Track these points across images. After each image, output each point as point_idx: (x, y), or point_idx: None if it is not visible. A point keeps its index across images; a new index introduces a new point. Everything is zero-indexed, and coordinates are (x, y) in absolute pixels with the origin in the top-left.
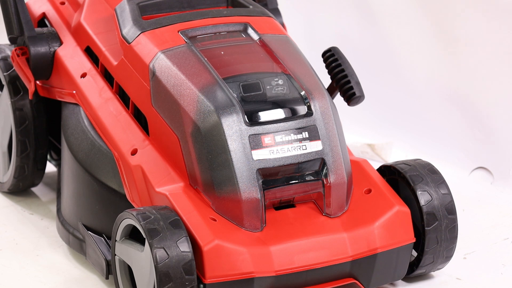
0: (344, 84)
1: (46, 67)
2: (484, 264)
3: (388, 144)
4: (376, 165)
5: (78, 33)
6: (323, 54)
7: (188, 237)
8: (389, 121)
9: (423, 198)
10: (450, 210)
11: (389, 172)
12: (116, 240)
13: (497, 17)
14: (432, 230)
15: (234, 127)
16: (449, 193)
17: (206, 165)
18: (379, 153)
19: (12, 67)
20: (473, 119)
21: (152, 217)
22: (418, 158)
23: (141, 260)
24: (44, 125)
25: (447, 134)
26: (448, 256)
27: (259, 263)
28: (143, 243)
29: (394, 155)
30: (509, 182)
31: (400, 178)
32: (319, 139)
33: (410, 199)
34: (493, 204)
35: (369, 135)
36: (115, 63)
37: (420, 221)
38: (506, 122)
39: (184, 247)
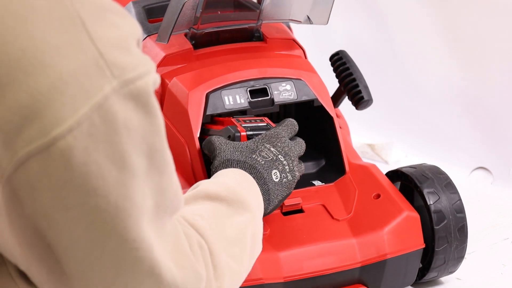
0: (352, 88)
1: None
2: (484, 264)
3: (388, 144)
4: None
5: None
6: (331, 58)
7: None
8: (389, 121)
9: (430, 197)
10: (458, 209)
11: (397, 177)
12: None
13: (499, 18)
14: (441, 229)
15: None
16: (457, 192)
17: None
18: (379, 153)
19: None
20: (473, 119)
21: None
22: (423, 163)
23: None
24: None
25: (447, 134)
26: (459, 257)
27: (268, 269)
28: None
29: (394, 155)
30: (509, 182)
31: (407, 182)
32: None
33: (422, 208)
34: (493, 204)
35: (369, 135)
36: None
37: (429, 223)
38: (507, 122)
39: None
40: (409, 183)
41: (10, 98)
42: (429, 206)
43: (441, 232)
